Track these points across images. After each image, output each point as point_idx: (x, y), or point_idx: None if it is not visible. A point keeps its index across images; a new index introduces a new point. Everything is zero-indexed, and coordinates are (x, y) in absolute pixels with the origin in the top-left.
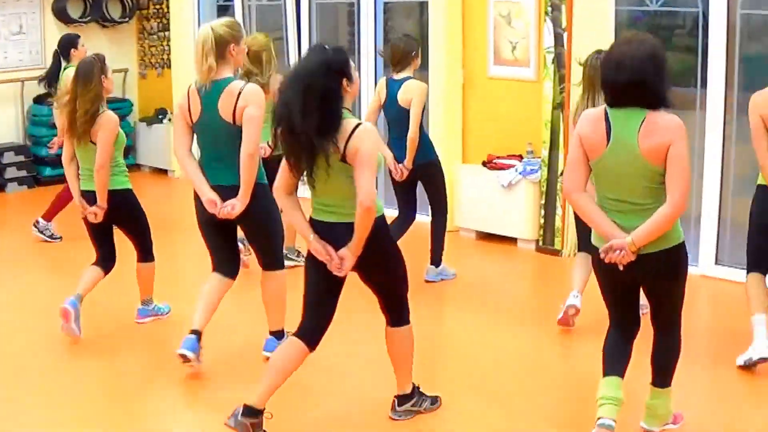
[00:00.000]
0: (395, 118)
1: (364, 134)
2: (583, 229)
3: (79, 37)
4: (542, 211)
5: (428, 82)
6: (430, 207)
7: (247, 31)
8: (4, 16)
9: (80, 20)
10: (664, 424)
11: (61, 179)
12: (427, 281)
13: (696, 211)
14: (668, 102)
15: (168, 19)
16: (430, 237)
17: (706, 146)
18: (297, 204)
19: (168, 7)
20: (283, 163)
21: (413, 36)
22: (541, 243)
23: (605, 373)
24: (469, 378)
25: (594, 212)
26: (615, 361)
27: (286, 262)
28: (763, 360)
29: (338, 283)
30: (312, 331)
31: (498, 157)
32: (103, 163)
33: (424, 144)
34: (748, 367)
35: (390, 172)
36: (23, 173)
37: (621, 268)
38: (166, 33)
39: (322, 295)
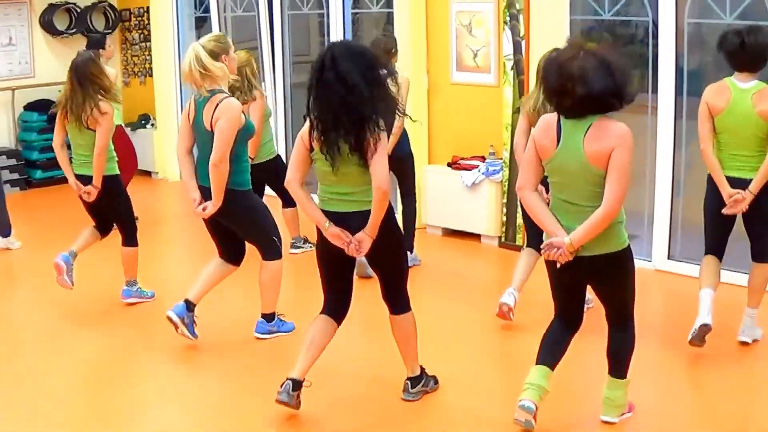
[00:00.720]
0: None
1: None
2: (532, 226)
3: (106, 38)
4: (504, 209)
5: None
6: (401, 198)
7: None
8: None
9: (66, 32)
10: (621, 414)
11: (52, 181)
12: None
13: (649, 209)
14: (618, 105)
15: (149, 31)
16: (404, 224)
17: (658, 149)
18: (309, 195)
19: (149, 19)
20: (297, 155)
21: (392, 34)
22: (503, 239)
23: (537, 361)
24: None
25: (540, 210)
26: (549, 351)
27: (294, 250)
28: (704, 326)
29: (350, 263)
30: (337, 307)
31: (462, 159)
32: (104, 147)
33: (404, 136)
34: (696, 339)
35: None
36: (15, 176)
37: (558, 266)
38: (148, 43)
39: (338, 276)
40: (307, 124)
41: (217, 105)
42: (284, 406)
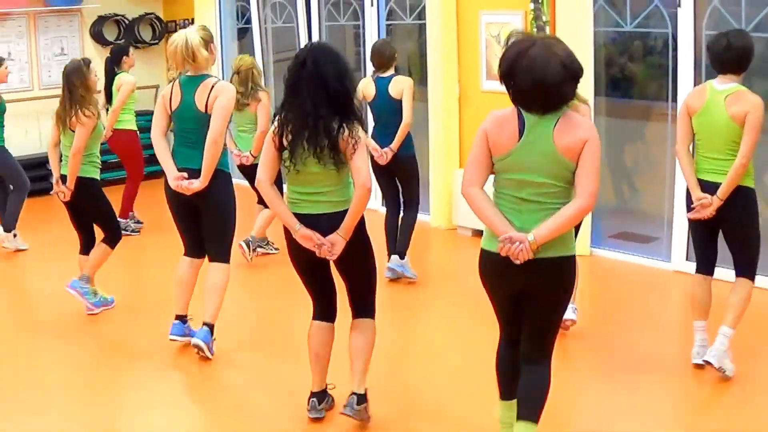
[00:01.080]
0: (385, 109)
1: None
2: None
3: (129, 46)
4: None
5: (427, 96)
6: (404, 201)
7: (263, 51)
8: (47, 40)
9: (115, 42)
10: None
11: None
12: (389, 269)
13: (669, 212)
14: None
15: None
16: (401, 229)
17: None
18: (280, 195)
19: None
20: (267, 155)
21: (390, 41)
22: None
23: (501, 397)
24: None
25: (488, 208)
26: (509, 382)
27: (261, 249)
28: (696, 365)
29: (323, 262)
30: (325, 309)
31: None
32: (79, 149)
33: (408, 139)
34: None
35: (372, 156)
36: None
37: (517, 262)
38: None
39: (317, 278)
40: (276, 123)
41: (213, 86)
42: (317, 421)
